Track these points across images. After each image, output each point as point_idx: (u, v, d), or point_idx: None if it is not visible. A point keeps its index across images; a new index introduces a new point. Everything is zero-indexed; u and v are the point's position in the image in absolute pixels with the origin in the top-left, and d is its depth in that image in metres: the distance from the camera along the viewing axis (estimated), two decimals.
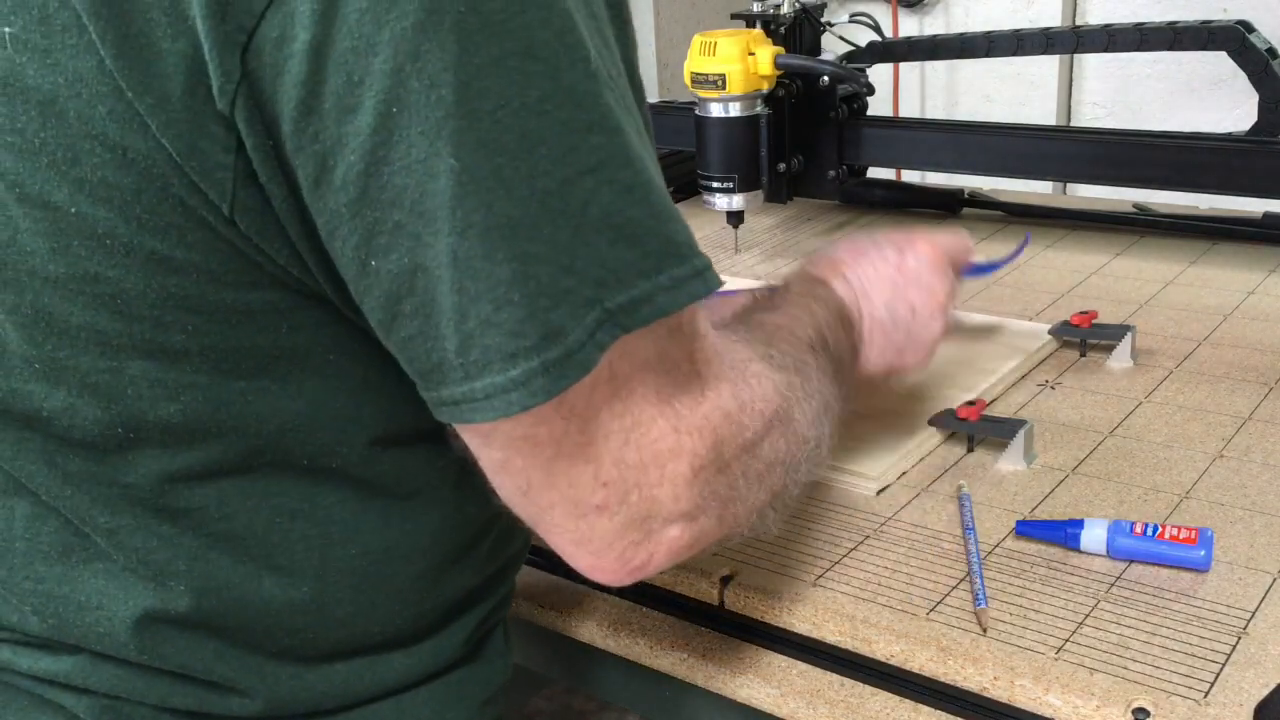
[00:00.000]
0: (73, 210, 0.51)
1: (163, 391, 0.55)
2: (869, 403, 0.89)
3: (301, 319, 0.56)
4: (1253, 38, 1.26)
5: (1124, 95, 2.43)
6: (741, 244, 1.43)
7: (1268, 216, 1.36)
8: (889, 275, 0.82)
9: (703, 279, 0.53)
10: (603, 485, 0.55)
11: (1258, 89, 1.26)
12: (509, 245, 0.48)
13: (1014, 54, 1.41)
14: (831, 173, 1.42)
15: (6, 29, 0.50)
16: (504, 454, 0.55)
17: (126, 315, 0.53)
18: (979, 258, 0.94)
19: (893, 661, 0.73)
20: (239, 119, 0.49)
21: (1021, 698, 0.69)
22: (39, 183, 0.51)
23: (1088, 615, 0.73)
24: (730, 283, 1.30)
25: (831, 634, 0.75)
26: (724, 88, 1.27)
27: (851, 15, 1.60)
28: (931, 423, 0.95)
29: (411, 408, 0.55)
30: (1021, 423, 0.91)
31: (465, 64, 0.47)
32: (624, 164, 0.51)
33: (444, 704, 0.69)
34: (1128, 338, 1.07)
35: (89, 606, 0.60)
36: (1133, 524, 0.78)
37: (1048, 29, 1.41)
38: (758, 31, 1.32)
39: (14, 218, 0.53)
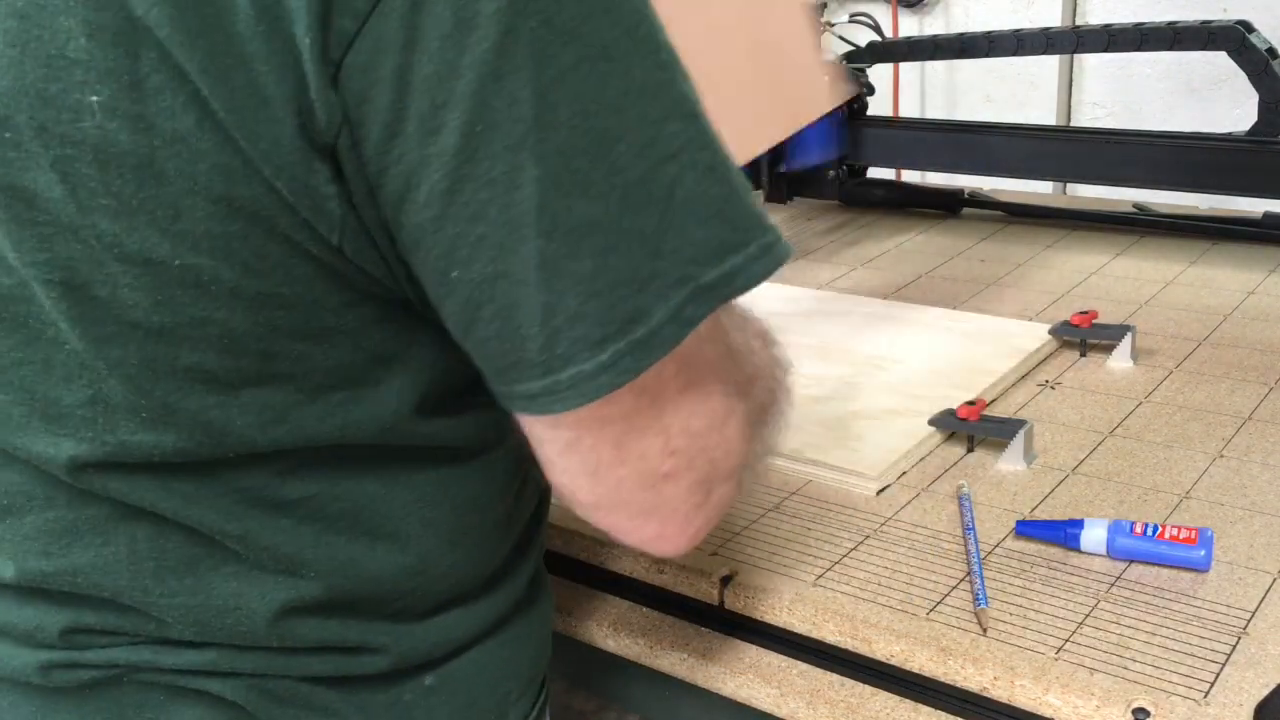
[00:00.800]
0: (176, 263, 0.52)
1: (271, 416, 0.57)
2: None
3: (391, 326, 0.57)
4: (1253, 38, 1.26)
5: (1124, 95, 2.43)
6: None
7: (1268, 216, 1.36)
8: None
9: (783, 244, 0.55)
10: (671, 454, 0.57)
11: (1258, 89, 1.26)
12: (593, 240, 0.50)
13: (1014, 54, 1.41)
14: (831, 173, 1.42)
15: (94, 98, 0.49)
16: (574, 433, 0.56)
17: (235, 352, 0.55)
18: None
19: (893, 661, 0.73)
20: (341, 148, 0.50)
21: (1021, 698, 0.69)
22: (138, 241, 0.52)
23: (1088, 615, 0.73)
24: None
25: (831, 634, 0.75)
26: None
27: (851, 15, 1.60)
28: (931, 423, 0.95)
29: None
30: (1021, 423, 0.92)
31: (542, 76, 0.48)
32: (703, 146, 0.52)
33: (521, 643, 0.73)
34: (1128, 338, 1.07)
35: (227, 609, 0.62)
36: (1133, 524, 0.78)
37: (1048, 29, 1.41)
38: None
39: (113, 274, 0.53)
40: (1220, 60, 1.29)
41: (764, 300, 0.96)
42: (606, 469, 0.57)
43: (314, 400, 0.57)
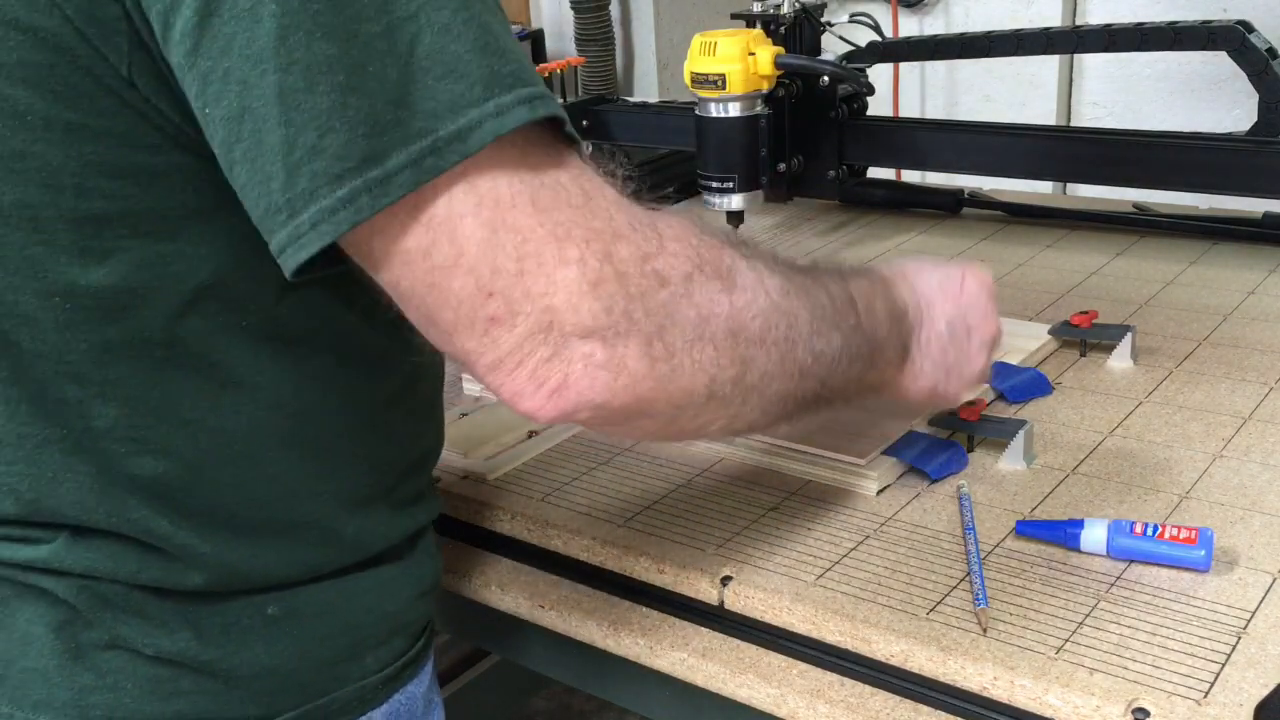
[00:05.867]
0: None
1: (92, 258, 0.61)
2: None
3: (203, 180, 0.60)
4: (1253, 38, 1.26)
5: (1124, 95, 2.42)
6: None
7: (1268, 216, 1.36)
8: (953, 292, 0.82)
9: (530, 106, 0.57)
10: (489, 296, 0.57)
11: (1258, 89, 1.26)
12: (329, 79, 0.54)
13: (1014, 54, 1.41)
14: (831, 173, 1.42)
15: None
16: (391, 275, 0.58)
17: (52, 187, 0.59)
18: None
19: (893, 661, 0.73)
20: None
21: (1021, 698, 0.69)
22: None
23: (1088, 615, 0.73)
24: None
25: (831, 634, 0.75)
26: (724, 88, 1.27)
27: (851, 15, 1.60)
28: (932, 422, 0.95)
29: None
30: (1021, 423, 0.92)
31: None
32: (439, 7, 0.56)
33: (386, 592, 0.75)
34: (1128, 338, 1.07)
35: (59, 480, 0.66)
36: (1133, 524, 0.78)
37: (1048, 29, 1.41)
38: (758, 31, 1.32)
39: None
40: (1220, 60, 1.29)
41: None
42: (436, 313, 0.58)
43: (131, 246, 0.61)
